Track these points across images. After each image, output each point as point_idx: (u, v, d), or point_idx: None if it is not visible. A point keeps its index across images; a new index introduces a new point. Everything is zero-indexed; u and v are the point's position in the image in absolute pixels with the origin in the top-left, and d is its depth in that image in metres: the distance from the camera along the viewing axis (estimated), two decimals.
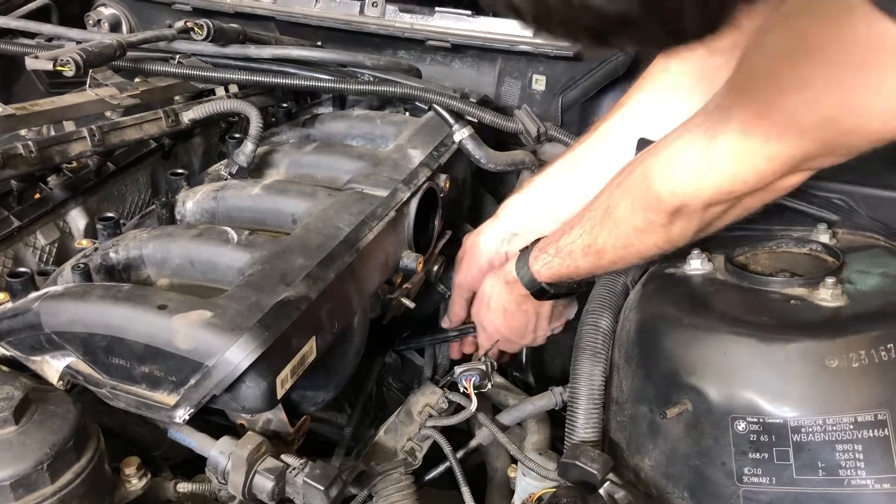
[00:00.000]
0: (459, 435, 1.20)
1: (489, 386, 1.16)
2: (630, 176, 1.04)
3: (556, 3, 0.46)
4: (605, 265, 1.12)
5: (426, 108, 1.48)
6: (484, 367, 1.15)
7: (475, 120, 1.43)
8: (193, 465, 0.99)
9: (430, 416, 1.17)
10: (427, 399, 1.19)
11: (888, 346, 0.90)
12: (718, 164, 0.91)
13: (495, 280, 1.28)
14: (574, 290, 1.24)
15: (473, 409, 1.12)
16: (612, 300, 1.16)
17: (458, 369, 1.15)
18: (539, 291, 1.21)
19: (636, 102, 1.23)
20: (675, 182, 0.96)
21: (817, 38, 0.77)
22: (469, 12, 1.66)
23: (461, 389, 1.15)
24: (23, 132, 1.18)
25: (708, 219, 1.00)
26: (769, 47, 0.83)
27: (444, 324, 1.41)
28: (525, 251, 1.21)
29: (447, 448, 1.13)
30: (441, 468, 1.17)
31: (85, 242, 1.15)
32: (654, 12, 0.47)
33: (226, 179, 1.27)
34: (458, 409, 1.18)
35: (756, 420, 0.91)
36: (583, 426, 1.04)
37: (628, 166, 1.06)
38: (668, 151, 0.98)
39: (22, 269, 0.99)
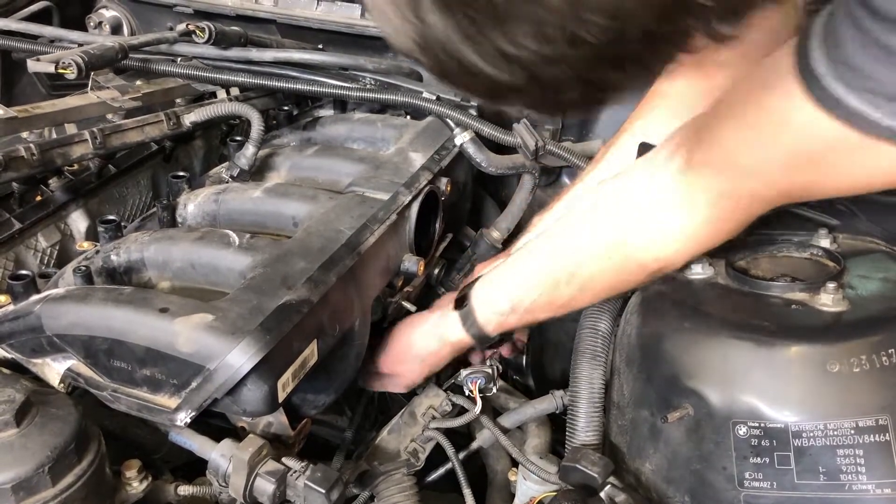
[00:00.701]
0: (460, 438, 1.20)
1: (494, 389, 1.16)
2: (602, 246, 1.02)
3: (456, 68, 0.56)
4: (572, 310, 1.12)
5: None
6: (490, 371, 1.15)
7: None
8: (194, 467, 0.99)
9: (434, 417, 1.17)
10: (431, 401, 1.19)
11: (889, 351, 0.90)
12: (699, 229, 0.95)
13: (424, 336, 1.19)
14: None
15: (478, 412, 1.12)
16: (610, 303, 1.16)
17: (463, 372, 1.15)
18: (491, 344, 1.19)
19: (621, 147, 1.20)
20: (657, 251, 0.99)
21: (758, 121, 0.82)
22: None
23: (466, 392, 1.15)
24: (24, 134, 1.18)
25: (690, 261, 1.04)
26: (719, 124, 0.88)
27: None
28: (462, 308, 1.14)
29: (450, 450, 1.13)
30: (442, 470, 1.17)
31: (86, 245, 1.16)
32: (536, 84, 0.58)
33: (227, 182, 1.27)
34: (462, 411, 1.18)
35: (757, 424, 0.91)
36: (583, 429, 1.04)
37: (587, 224, 1.05)
38: (643, 219, 0.98)
39: (23, 272, 0.99)
